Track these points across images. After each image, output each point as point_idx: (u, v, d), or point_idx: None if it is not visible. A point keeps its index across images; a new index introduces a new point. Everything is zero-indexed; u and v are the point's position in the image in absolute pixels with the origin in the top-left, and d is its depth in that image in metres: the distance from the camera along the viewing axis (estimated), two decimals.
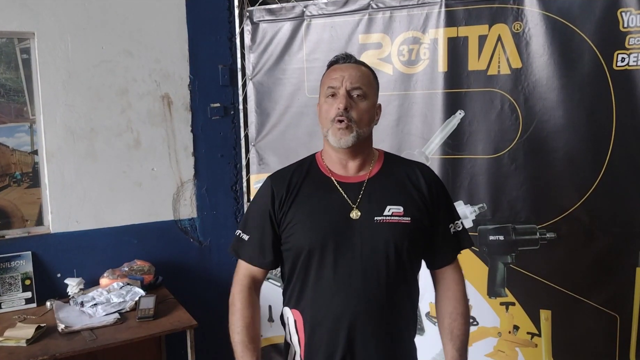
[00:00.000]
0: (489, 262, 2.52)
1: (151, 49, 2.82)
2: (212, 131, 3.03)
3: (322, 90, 1.53)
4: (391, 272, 1.47)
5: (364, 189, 1.51)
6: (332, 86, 1.49)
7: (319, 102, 1.55)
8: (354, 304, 1.45)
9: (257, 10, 2.91)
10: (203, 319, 2.49)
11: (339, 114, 1.45)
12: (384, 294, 1.46)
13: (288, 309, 1.57)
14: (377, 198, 1.50)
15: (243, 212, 3.12)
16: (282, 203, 1.53)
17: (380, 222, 1.47)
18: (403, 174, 1.56)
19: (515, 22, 2.37)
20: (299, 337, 1.54)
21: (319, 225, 1.48)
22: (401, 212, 1.49)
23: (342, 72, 1.49)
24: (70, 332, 2.22)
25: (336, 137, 1.47)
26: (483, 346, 2.58)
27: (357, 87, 1.48)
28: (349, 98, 1.46)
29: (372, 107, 1.52)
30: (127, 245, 2.80)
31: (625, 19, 2.19)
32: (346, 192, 1.51)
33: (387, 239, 1.46)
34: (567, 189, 2.38)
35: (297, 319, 1.54)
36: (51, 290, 2.60)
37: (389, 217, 1.48)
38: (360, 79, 1.49)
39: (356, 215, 1.48)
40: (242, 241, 1.60)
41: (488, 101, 2.45)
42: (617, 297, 2.33)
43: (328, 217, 1.49)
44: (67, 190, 2.66)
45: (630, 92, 2.23)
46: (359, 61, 1.56)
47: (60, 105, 2.62)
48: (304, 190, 1.53)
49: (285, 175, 1.58)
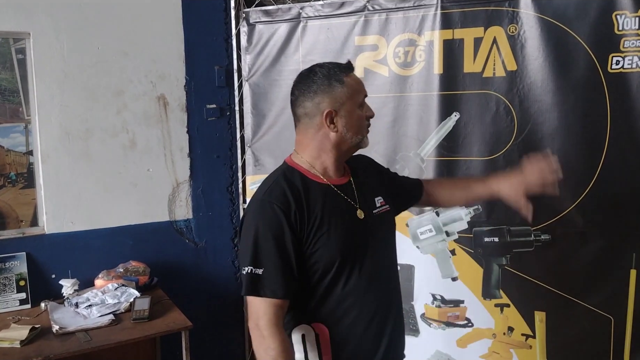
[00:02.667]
0: (483, 263, 2.52)
1: (147, 50, 2.81)
2: (208, 132, 3.03)
3: (355, 99, 1.52)
4: (395, 257, 1.63)
5: (354, 187, 1.57)
6: (364, 94, 1.56)
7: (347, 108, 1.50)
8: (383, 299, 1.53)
9: (253, 12, 2.91)
10: (198, 320, 2.49)
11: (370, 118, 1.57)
12: (398, 281, 1.62)
13: (306, 325, 1.50)
14: (365, 193, 1.59)
15: (239, 213, 3.12)
16: (297, 221, 1.43)
17: (377, 214, 1.57)
18: (357, 166, 1.65)
19: (511, 24, 2.38)
20: (321, 352, 1.49)
21: (340, 233, 1.47)
22: (383, 201, 1.61)
23: (360, 81, 1.57)
24: (64, 333, 2.22)
25: (367, 137, 1.57)
26: (478, 347, 2.58)
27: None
28: None
29: None
30: (122, 246, 2.79)
31: (620, 22, 2.20)
32: (346, 194, 1.54)
33: (387, 229, 1.59)
34: (562, 191, 2.36)
35: (320, 333, 1.48)
36: (46, 291, 2.59)
37: (380, 208, 1.59)
38: None
39: (361, 215, 1.53)
40: (258, 276, 1.41)
41: (483, 103, 2.46)
42: (611, 298, 2.34)
43: (345, 223, 1.50)
44: (62, 191, 2.65)
45: (624, 95, 2.24)
46: None
47: (55, 105, 2.61)
48: (312, 204, 1.47)
49: (285, 196, 1.45)
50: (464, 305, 2.58)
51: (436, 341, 2.65)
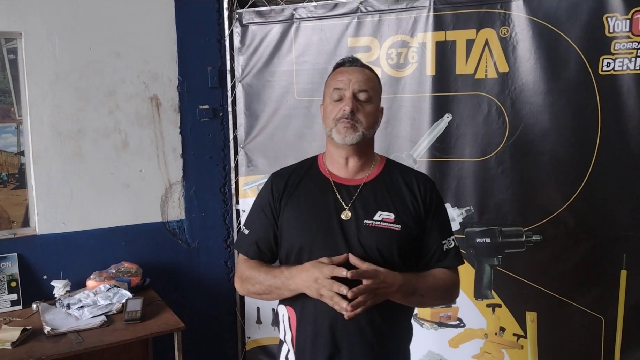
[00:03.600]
0: (475, 264, 2.54)
1: (140, 50, 2.80)
2: (200, 133, 3.02)
3: (328, 92, 1.56)
4: None
5: (359, 191, 1.53)
6: (339, 88, 1.51)
7: (323, 103, 1.60)
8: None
9: (246, 13, 2.91)
10: (191, 321, 2.49)
11: (344, 116, 1.49)
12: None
13: (283, 305, 1.58)
14: (370, 202, 1.52)
15: (231, 214, 3.12)
16: (280, 199, 1.57)
17: (369, 225, 1.49)
18: (400, 180, 1.57)
19: (503, 26, 2.39)
20: (292, 335, 1.55)
21: (309, 224, 1.51)
22: (392, 218, 1.50)
23: (348, 75, 1.52)
24: (56, 334, 2.20)
25: (341, 134, 1.50)
26: (469, 348, 2.60)
27: (364, 90, 1.51)
28: (355, 101, 1.50)
29: (376, 110, 1.55)
30: (114, 247, 2.79)
31: (611, 24, 2.22)
32: (341, 193, 1.53)
33: (371, 244, 1.47)
34: (553, 192, 2.41)
35: (291, 316, 1.55)
36: (37, 292, 2.57)
37: (379, 222, 1.49)
38: (366, 82, 1.52)
39: (346, 216, 1.50)
40: (243, 235, 1.64)
41: (475, 105, 2.47)
42: (602, 299, 2.36)
43: (319, 217, 1.51)
44: (53, 192, 2.64)
45: (615, 97, 2.26)
46: (365, 65, 1.58)
47: (47, 106, 2.60)
48: (300, 189, 1.57)
49: (285, 173, 1.63)
50: (456, 305, 2.59)
51: (428, 341, 2.66)
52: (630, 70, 2.22)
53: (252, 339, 3.10)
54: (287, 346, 1.58)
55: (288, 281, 1.47)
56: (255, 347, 3.09)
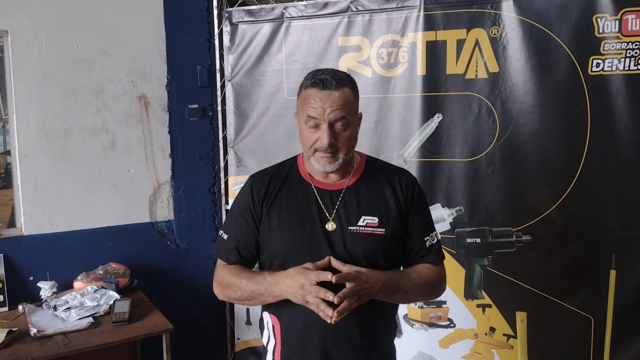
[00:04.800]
0: (466, 264, 2.54)
1: (128, 49, 2.78)
2: (189, 132, 3.00)
3: (301, 114, 1.48)
4: None
5: (341, 197, 1.51)
6: (312, 116, 1.43)
7: (298, 119, 1.52)
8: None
9: (236, 11, 2.90)
10: (179, 322, 2.47)
11: (322, 148, 1.43)
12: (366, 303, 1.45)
13: (267, 313, 1.57)
14: (353, 208, 1.50)
15: (221, 214, 3.10)
16: (261, 204, 1.53)
17: (353, 232, 1.48)
18: (383, 180, 1.55)
19: (493, 26, 2.40)
20: (275, 342, 1.53)
21: (294, 234, 1.49)
22: (375, 223, 1.49)
23: (322, 103, 1.42)
24: (42, 336, 2.18)
25: (320, 164, 1.46)
26: (460, 348, 2.60)
27: (341, 118, 1.43)
28: (332, 131, 1.43)
29: (354, 131, 1.50)
30: (101, 247, 2.76)
31: (600, 25, 2.23)
32: (324, 200, 1.51)
33: (357, 250, 1.46)
34: (543, 192, 2.42)
35: (275, 325, 1.53)
36: (23, 293, 2.54)
37: (363, 228, 1.48)
38: (342, 108, 1.43)
39: (331, 227, 1.48)
40: (222, 240, 1.60)
41: (466, 105, 2.48)
42: (591, 299, 2.37)
43: (304, 226, 1.49)
44: (40, 192, 2.61)
45: (604, 97, 2.27)
46: (340, 82, 1.45)
47: (33, 104, 2.57)
48: (282, 195, 1.53)
49: (265, 176, 1.58)
50: (446, 306, 2.59)
51: (419, 342, 2.66)
52: (619, 70, 2.23)
53: (241, 340, 3.08)
54: (271, 355, 1.56)
55: (272, 287, 1.44)
56: (244, 348, 3.08)
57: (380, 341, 1.54)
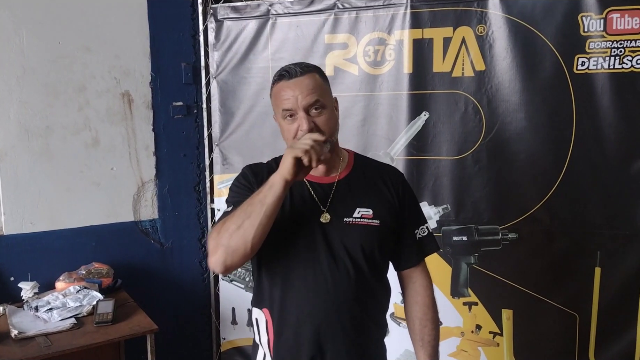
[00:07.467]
0: (452, 262, 2.55)
1: (111, 45, 2.74)
2: (174, 130, 2.97)
3: (277, 110, 1.48)
4: (360, 272, 1.47)
5: (334, 190, 1.51)
6: (287, 108, 1.43)
7: (277, 119, 1.51)
8: (322, 304, 1.44)
9: (221, 8, 2.87)
10: (164, 323, 2.44)
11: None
12: (352, 294, 1.46)
13: (258, 309, 1.55)
14: (346, 200, 1.50)
15: (206, 213, 3.07)
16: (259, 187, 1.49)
17: (349, 223, 1.48)
18: (374, 175, 1.57)
19: (479, 25, 2.40)
20: (268, 338, 1.52)
21: (289, 227, 1.48)
22: (370, 214, 1.49)
23: (292, 91, 1.42)
24: (23, 338, 2.15)
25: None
26: (446, 346, 2.60)
27: (315, 102, 1.42)
28: (308, 116, 1.42)
29: (332, 112, 1.49)
30: (84, 247, 2.72)
31: (585, 24, 2.25)
32: (317, 193, 1.51)
33: (354, 242, 1.47)
34: (529, 190, 2.43)
35: (268, 319, 1.52)
36: (4, 294, 2.51)
37: (359, 219, 1.49)
38: (313, 92, 1.42)
39: (325, 219, 1.47)
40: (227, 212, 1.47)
41: (452, 103, 2.48)
42: (576, 296, 2.39)
43: (299, 220, 1.48)
44: (21, 191, 2.57)
45: (589, 96, 2.29)
46: (305, 68, 1.46)
47: (14, 101, 2.52)
48: None
49: (260, 167, 1.57)
50: None
51: (406, 340, 2.63)
52: (604, 69, 2.25)
53: (227, 340, 3.06)
54: (262, 350, 1.56)
55: (267, 184, 1.35)
56: (230, 348, 3.06)
57: (373, 334, 1.56)
